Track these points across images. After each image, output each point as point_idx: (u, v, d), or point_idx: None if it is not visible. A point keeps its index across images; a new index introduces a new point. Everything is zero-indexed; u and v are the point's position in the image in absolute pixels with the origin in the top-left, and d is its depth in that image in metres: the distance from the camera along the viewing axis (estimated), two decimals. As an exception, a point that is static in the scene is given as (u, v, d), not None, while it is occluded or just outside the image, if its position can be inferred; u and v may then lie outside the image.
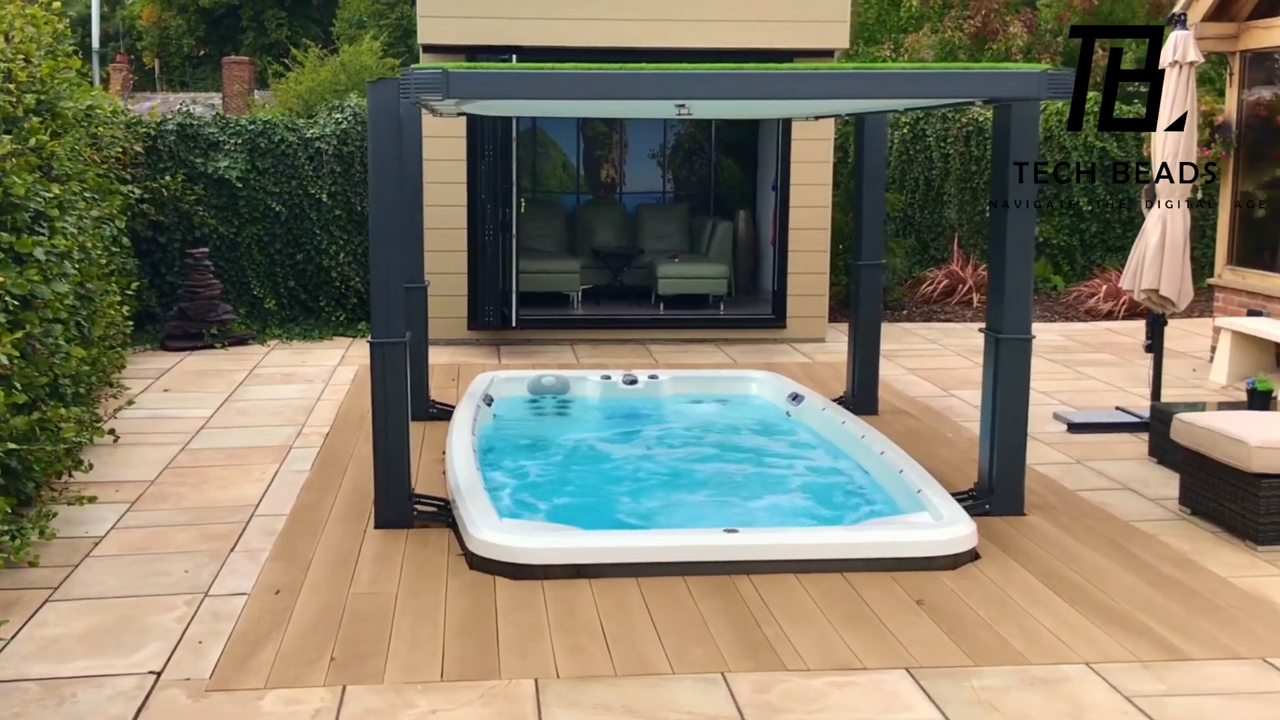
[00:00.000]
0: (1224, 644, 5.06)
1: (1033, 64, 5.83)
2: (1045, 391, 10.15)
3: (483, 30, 11.56)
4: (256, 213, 12.76)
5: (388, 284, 6.38)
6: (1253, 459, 6.15)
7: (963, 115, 15.92)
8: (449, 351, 11.81)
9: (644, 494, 7.52)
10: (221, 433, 8.58)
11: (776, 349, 12.27)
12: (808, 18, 11.88)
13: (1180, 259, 8.44)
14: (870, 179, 9.07)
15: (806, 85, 5.69)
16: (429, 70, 5.44)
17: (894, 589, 5.64)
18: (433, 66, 5.48)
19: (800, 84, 5.67)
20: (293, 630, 5.12)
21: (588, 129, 15.04)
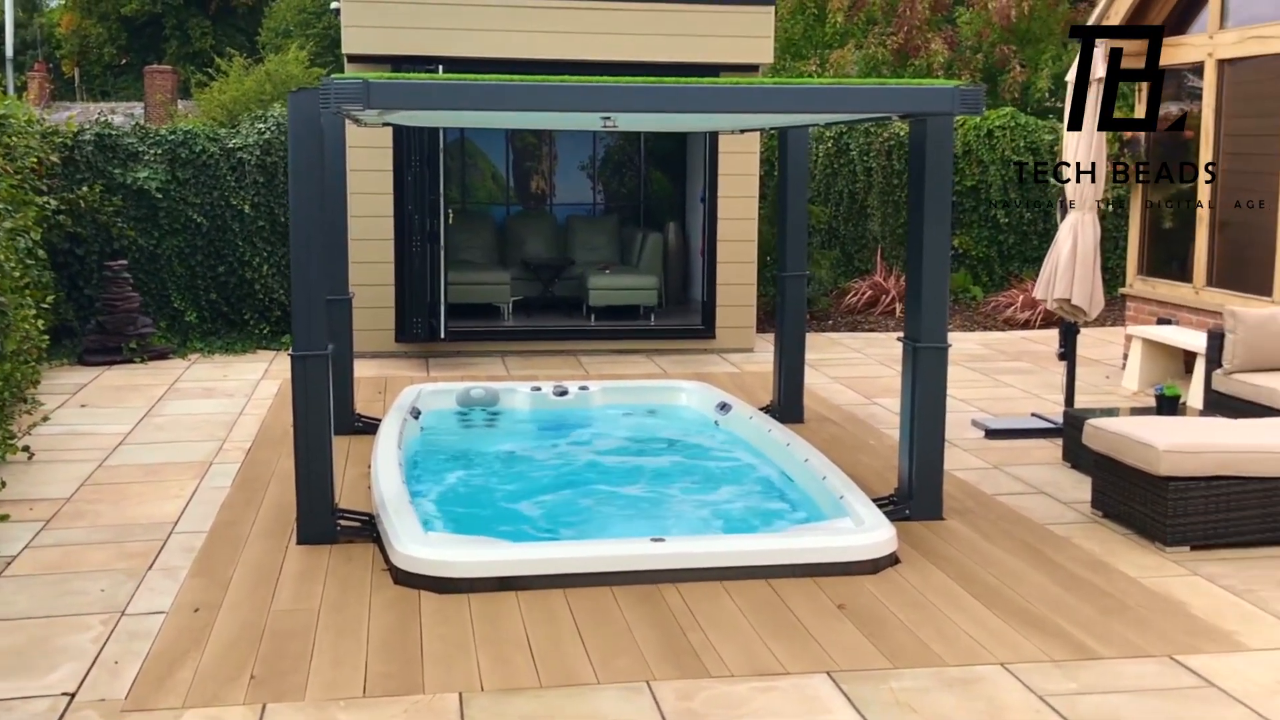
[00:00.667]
0: (1133, 643, 5.19)
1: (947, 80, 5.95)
2: (964, 399, 10.32)
3: (408, 41, 11.54)
4: (177, 224, 12.62)
5: (309, 296, 6.35)
6: (1161, 462, 6.31)
7: (884, 130, 16.14)
8: (376, 364, 11.75)
9: (573, 505, 7.54)
10: (140, 449, 8.48)
11: (706, 359, 12.36)
12: (732, 33, 12.00)
13: (1091, 269, 8.63)
14: (793, 191, 9.18)
15: (730, 100, 5.76)
16: (350, 80, 5.44)
17: (817, 594, 5.71)
18: (354, 76, 5.48)
19: (723, 98, 5.74)
20: (212, 648, 5.08)
21: (517, 140, 15.06)
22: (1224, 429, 6.72)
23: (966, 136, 16.09)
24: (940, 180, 6.69)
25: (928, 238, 6.76)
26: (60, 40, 42.19)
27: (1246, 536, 6.40)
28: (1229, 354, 8.50)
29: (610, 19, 11.79)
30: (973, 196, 16.16)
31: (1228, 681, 4.81)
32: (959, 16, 21.80)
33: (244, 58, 19.82)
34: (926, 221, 6.74)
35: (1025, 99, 20.24)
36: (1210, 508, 6.34)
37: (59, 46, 42.31)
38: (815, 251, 15.74)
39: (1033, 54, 20.60)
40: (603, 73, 11.08)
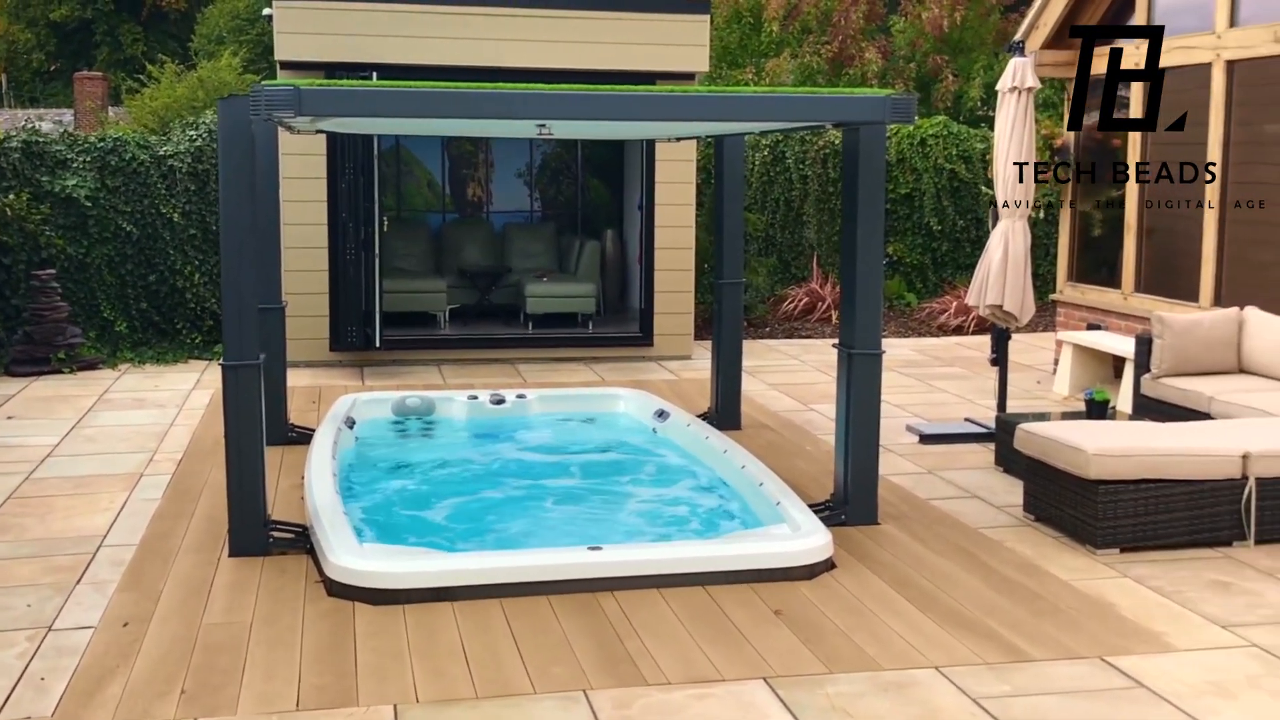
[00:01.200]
0: (1065, 645, 5.26)
1: (881, 89, 6.00)
2: (899, 404, 10.41)
3: (342, 47, 11.46)
4: (107, 233, 12.44)
5: (240, 305, 6.29)
6: (1090, 466, 6.40)
7: (820, 138, 16.25)
8: (310, 374, 11.64)
9: (510, 514, 7.51)
10: (69, 461, 8.34)
11: (644, 366, 12.37)
12: (669, 41, 12.03)
13: (1022, 275, 8.74)
14: (730, 199, 9.22)
15: (664, 107, 5.78)
16: (281, 87, 5.39)
17: (753, 600, 5.73)
18: (285, 83, 5.43)
19: (657, 106, 5.76)
20: (142, 663, 5.00)
21: (453, 147, 15.00)
22: (1151, 432, 6.83)
23: (900, 145, 16.25)
24: (873, 188, 6.75)
25: (861, 245, 6.81)
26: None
27: (1174, 538, 6.50)
28: (1157, 359, 8.65)
29: (546, 27, 11.78)
30: (906, 204, 16.32)
31: (1156, 682, 4.88)
32: (893, 26, 22.02)
33: (176, 64, 19.59)
34: (860, 229, 6.79)
35: (958, 108, 20.49)
36: (1139, 510, 6.44)
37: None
38: (752, 259, 15.81)
39: (965, 64, 20.85)
40: (539, 80, 11.08)
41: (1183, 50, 10.09)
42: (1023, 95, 8.66)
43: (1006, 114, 8.72)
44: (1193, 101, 9.99)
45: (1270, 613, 5.66)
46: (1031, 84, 8.65)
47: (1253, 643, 5.29)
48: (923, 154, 16.24)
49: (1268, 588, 5.98)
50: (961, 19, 20.53)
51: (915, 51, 21.32)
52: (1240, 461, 6.52)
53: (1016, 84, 8.66)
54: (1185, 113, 8.74)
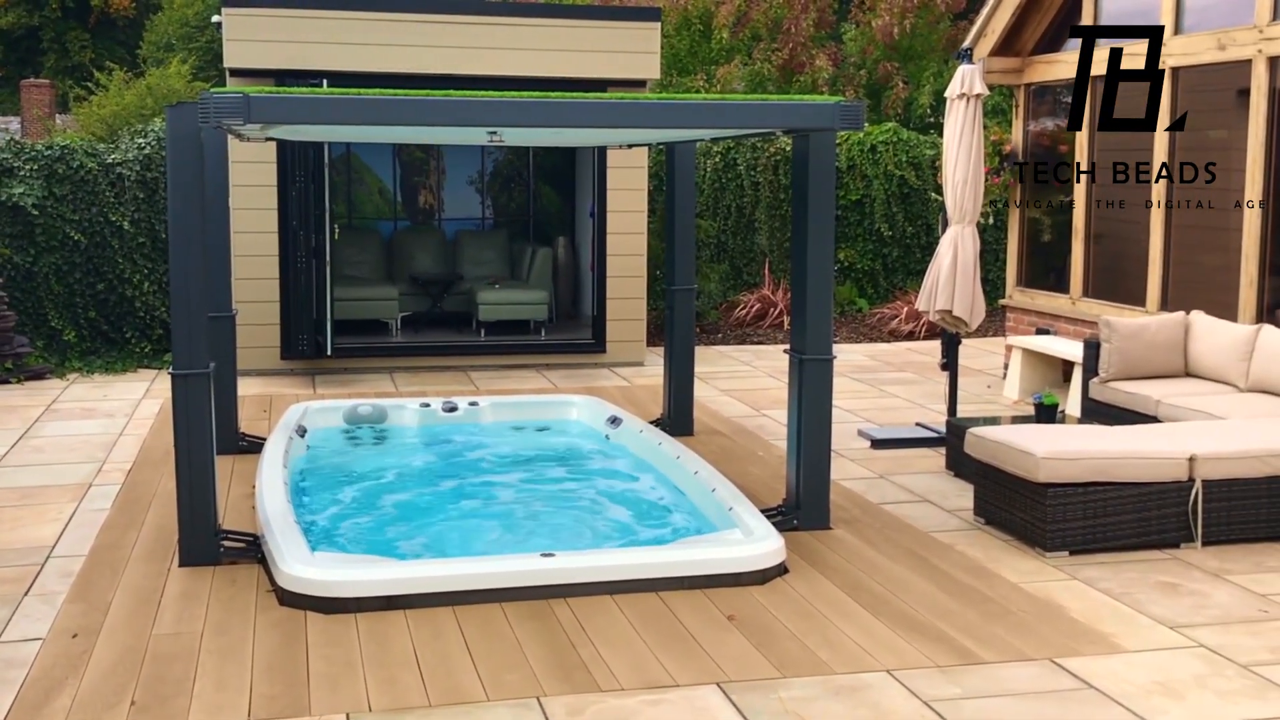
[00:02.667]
0: (1015, 647, 5.31)
1: (829, 96, 6.05)
2: (850, 409, 10.48)
3: (292, 54, 11.40)
4: (54, 241, 12.29)
5: (189, 313, 6.24)
6: (1039, 469, 6.47)
7: (771, 145, 16.33)
8: (261, 382, 11.56)
9: (462, 521, 7.50)
10: (15, 471, 8.23)
11: (597, 373, 12.38)
12: (619, 48, 12.07)
13: (971, 280, 8.82)
14: (681, 205, 9.26)
15: (612, 114, 5.80)
16: (229, 94, 5.36)
17: (706, 606, 5.75)
18: (234, 90, 5.40)
19: (606, 113, 5.77)
20: (91, 675, 4.94)
21: (404, 154, 14.94)
22: (1099, 436, 6.92)
23: (851, 151, 16.36)
24: (823, 194, 6.80)
25: (811, 251, 6.86)
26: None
27: (1123, 541, 6.59)
28: (1104, 363, 8.76)
29: (497, 34, 11.78)
30: (857, 210, 16.44)
31: (1105, 683, 4.94)
32: (844, 33, 22.17)
33: (124, 72, 19.38)
34: (810, 235, 6.84)
35: (908, 114, 20.65)
36: (1088, 513, 6.52)
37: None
38: (704, 265, 15.86)
39: (915, 71, 21.02)
40: (490, 88, 11.10)
41: (1130, 57, 10.22)
42: (971, 102, 8.75)
43: (955, 121, 8.80)
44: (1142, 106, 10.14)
45: (1217, 613, 5.74)
46: (980, 91, 8.74)
47: (1200, 643, 5.36)
48: (873, 160, 16.36)
49: (1214, 589, 6.07)
50: (911, 26, 20.69)
51: (866, 59, 21.48)
52: (1187, 464, 6.61)
53: (965, 91, 8.75)
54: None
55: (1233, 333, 8.55)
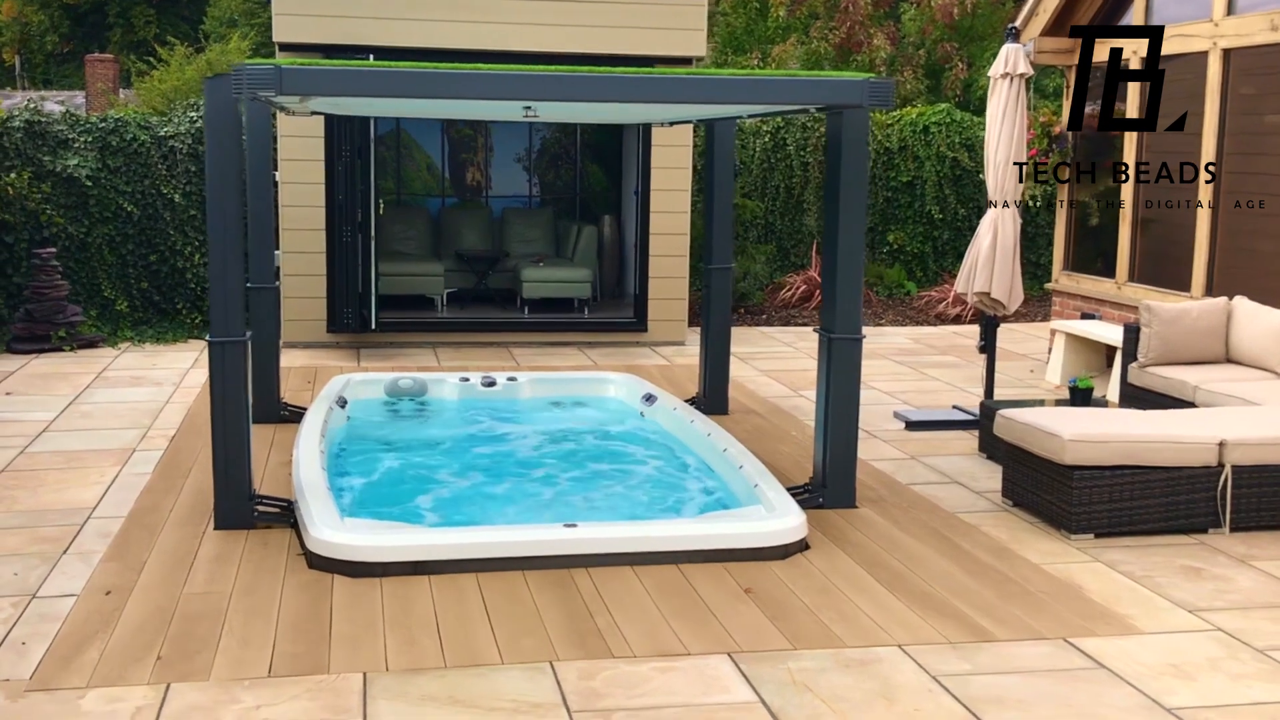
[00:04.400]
0: (1029, 626, 5.32)
1: (858, 72, 6.05)
2: (889, 391, 10.48)
3: (339, 29, 11.53)
4: (108, 212, 12.54)
5: (226, 282, 6.36)
6: (1065, 451, 6.45)
7: (822, 125, 16.28)
8: (307, 354, 11.75)
9: (496, 492, 7.59)
10: (63, 436, 8.44)
11: (637, 352, 12.44)
12: (665, 25, 12.08)
13: (1010, 263, 8.79)
14: (720, 184, 9.28)
15: (641, 89, 5.84)
16: (261, 65, 5.46)
17: (725, 579, 5.80)
18: (266, 62, 5.50)
19: (635, 88, 5.82)
20: (121, 630, 5.09)
21: (453, 131, 15.06)
22: (1129, 420, 6.88)
23: (903, 132, 16.29)
24: (855, 173, 6.79)
25: (843, 230, 6.86)
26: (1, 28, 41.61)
27: (1149, 525, 6.56)
28: (1144, 348, 8.70)
29: (544, 10, 11.84)
30: (908, 192, 16.36)
31: (1116, 663, 4.95)
32: (903, 13, 21.99)
33: (186, 47, 19.68)
34: (842, 214, 6.84)
35: (968, 96, 20.47)
36: (1114, 496, 6.50)
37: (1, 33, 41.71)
38: (750, 246, 15.86)
39: (975, 51, 20.83)
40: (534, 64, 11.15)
41: (1181, 39, 10.11)
42: (1015, 81, 8.70)
43: (998, 100, 8.76)
44: (1190, 92, 10.02)
45: (1238, 598, 5.72)
46: (1024, 70, 8.69)
47: (1217, 627, 5.35)
48: (925, 141, 16.27)
49: (1238, 574, 6.04)
50: (973, 6, 20.49)
51: (925, 39, 21.28)
52: (1216, 449, 6.57)
53: (1009, 70, 8.69)
54: (1185, 113, 8.79)
55: (1274, 319, 8.45)
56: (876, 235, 16.47)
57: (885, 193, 16.46)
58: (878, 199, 16.43)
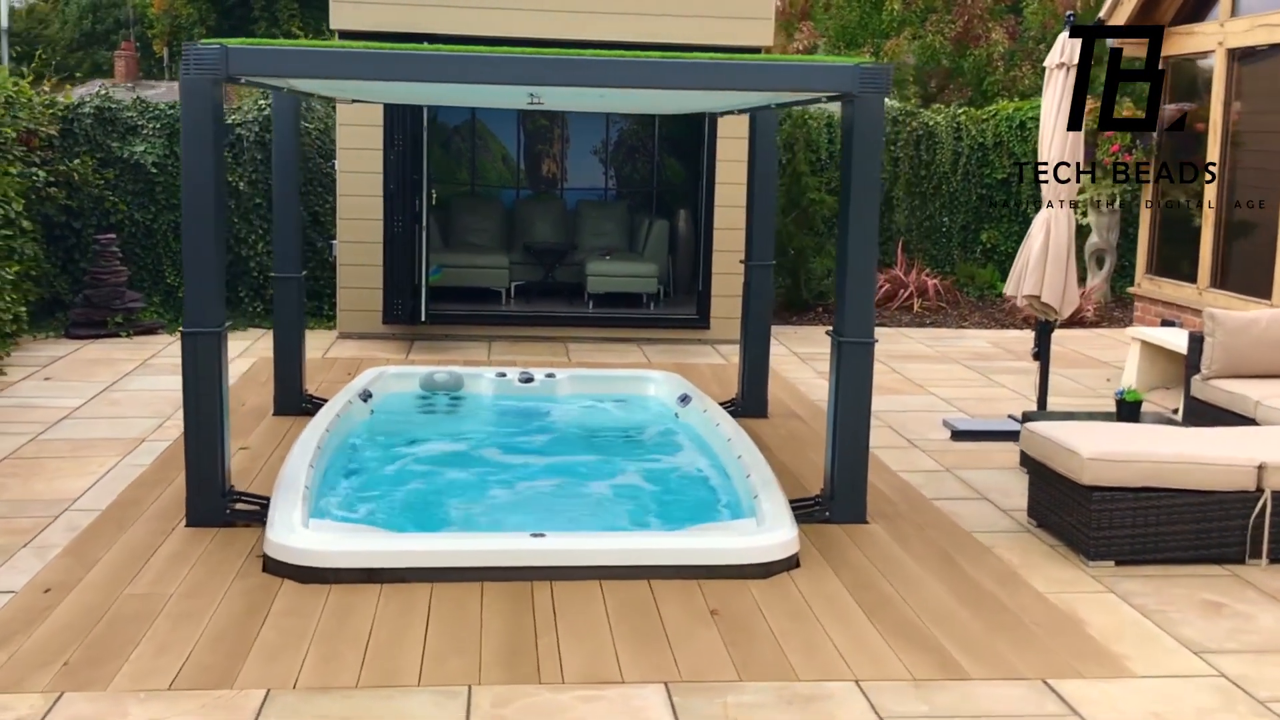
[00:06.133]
0: (1009, 663, 4.84)
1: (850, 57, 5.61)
2: (948, 398, 9.94)
3: (396, 16, 11.36)
4: (174, 199, 12.59)
5: (201, 269, 6.16)
6: (1084, 470, 5.92)
7: (913, 120, 15.71)
8: (359, 345, 11.64)
9: (497, 495, 7.32)
10: (81, 423, 8.40)
11: (697, 350, 12.06)
12: (730, 14, 11.66)
13: (1063, 265, 8.21)
14: (761, 177, 8.87)
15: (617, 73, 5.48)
16: (209, 46, 5.24)
17: (694, 598, 5.42)
18: (214, 42, 5.28)
19: (608, 71, 5.46)
20: (42, 632, 4.92)
21: (528, 123, 14.84)
22: (1161, 438, 6.29)
23: (999, 127, 15.62)
24: (868, 165, 6.32)
25: (853, 226, 6.40)
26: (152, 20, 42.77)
27: (1176, 553, 5.99)
28: (1207, 358, 8.05)
29: None
30: (1003, 190, 15.67)
31: (1093, 709, 4.45)
32: (1025, 6, 21.13)
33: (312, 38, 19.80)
34: (853, 209, 6.38)
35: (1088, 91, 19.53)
36: (1138, 520, 5.94)
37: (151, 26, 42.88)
38: (830, 243, 15.30)
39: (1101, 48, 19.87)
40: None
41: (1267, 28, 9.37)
42: (1071, 72, 8.12)
43: (1054, 93, 8.19)
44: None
45: (1256, 639, 5.14)
46: (1077, 62, 8.09)
47: (1220, 672, 4.80)
48: (1022, 138, 15.55)
49: (1263, 611, 5.45)
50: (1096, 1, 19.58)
51: (1047, 33, 20.40)
52: (1255, 473, 5.96)
53: (1065, 60, 8.12)
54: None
55: (1354, 330, 7.73)
56: (969, 234, 15.83)
57: (979, 190, 15.80)
58: (971, 196, 15.78)
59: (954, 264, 15.82)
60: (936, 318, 14.51)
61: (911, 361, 11.69)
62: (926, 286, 15.01)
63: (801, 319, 14.27)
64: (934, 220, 15.83)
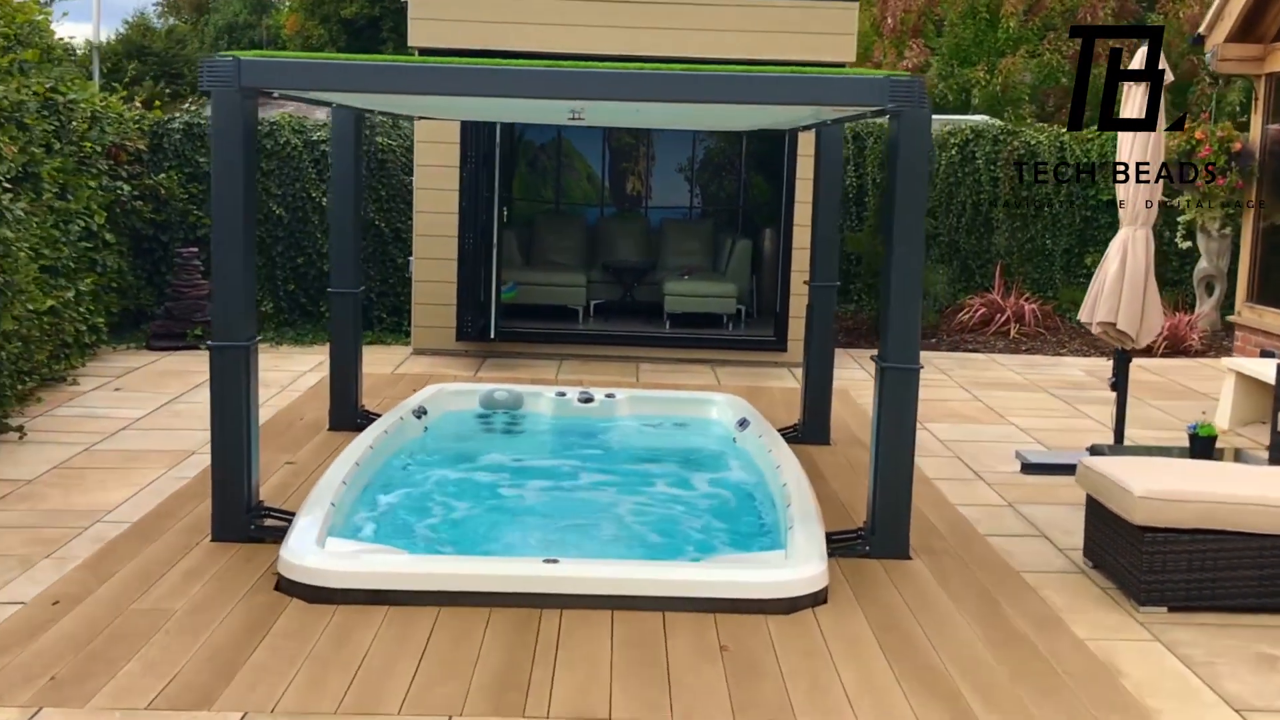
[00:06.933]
0: (1027, 714, 4.52)
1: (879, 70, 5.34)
2: (1027, 428, 9.54)
3: (473, 34, 11.33)
4: (258, 214, 12.72)
5: (229, 285, 6.13)
6: (1136, 509, 5.55)
7: (1014, 139, 15.24)
8: (430, 361, 11.61)
9: (534, 518, 7.16)
10: (138, 434, 8.46)
11: (772, 373, 11.79)
12: (811, 30, 11.40)
13: (1141, 290, 7.79)
14: (825, 197, 8.60)
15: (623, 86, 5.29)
16: (222, 59, 5.18)
17: (707, 633, 5.19)
18: (228, 54, 5.23)
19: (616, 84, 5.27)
20: (38, 645, 4.88)
21: (613, 141, 14.74)
22: (1226, 476, 5.88)
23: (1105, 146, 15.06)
24: (913, 183, 6.04)
25: (897, 247, 6.12)
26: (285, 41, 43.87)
27: (1237, 600, 5.57)
28: (1294, 391, 7.56)
29: (680, 14, 11.36)
30: (1108, 212, 15.07)
31: (1113, 771, 4.11)
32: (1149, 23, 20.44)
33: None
34: (897, 229, 6.10)
35: (1216, 112, 18.80)
36: (1194, 565, 5.55)
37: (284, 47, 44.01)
38: (930, 265, 14.89)
39: (1229, 67, 19.15)
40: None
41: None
42: (1140, 84, 7.71)
43: (1132, 108, 7.78)
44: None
45: (1310, 700, 4.74)
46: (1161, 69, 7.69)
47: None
48: (1127, 158, 14.95)
49: (1326, 669, 5.03)
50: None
51: (1171, 51, 19.70)
52: (1324, 517, 5.52)
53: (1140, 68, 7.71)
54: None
55: None
56: (1072, 257, 15.28)
57: (1084, 211, 15.25)
58: (1074, 218, 15.24)
59: (1056, 288, 15.28)
60: (1033, 344, 14.02)
61: (997, 389, 11.28)
62: (1024, 311, 14.52)
63: (890, 343, 13.87)
64: (1036, 242, 15.32)
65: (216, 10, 46.93)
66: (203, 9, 48.12)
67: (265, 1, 48.14)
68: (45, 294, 9.24)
